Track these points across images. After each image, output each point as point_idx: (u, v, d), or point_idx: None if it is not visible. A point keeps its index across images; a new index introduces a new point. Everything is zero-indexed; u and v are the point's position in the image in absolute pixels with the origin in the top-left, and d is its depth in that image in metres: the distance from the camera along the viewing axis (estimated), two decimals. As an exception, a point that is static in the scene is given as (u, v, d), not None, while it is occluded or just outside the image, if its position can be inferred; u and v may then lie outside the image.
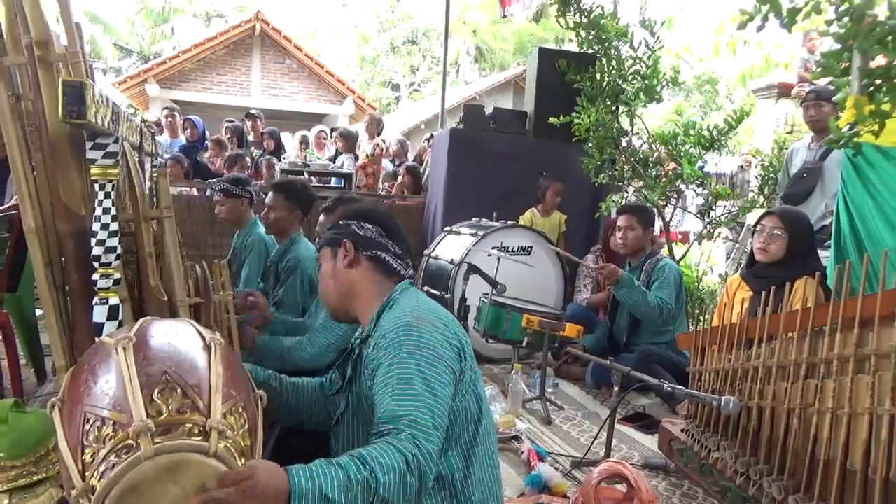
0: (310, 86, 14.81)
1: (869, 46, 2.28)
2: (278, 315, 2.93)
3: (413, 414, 1.30)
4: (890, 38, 2.20)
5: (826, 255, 3.09)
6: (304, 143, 8.14)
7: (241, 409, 1.16)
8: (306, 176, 6.65)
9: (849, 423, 1.90)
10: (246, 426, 1.16)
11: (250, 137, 7.87)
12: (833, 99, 3.35)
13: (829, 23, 2.36)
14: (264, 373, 1.74)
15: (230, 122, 7.74)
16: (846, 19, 2.28)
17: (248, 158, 6.60)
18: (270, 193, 3.35)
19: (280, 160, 7.28)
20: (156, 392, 1.07)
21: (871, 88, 2.44)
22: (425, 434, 1.28)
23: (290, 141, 8.59)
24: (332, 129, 8.58)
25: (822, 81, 4.21)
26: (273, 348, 2.54)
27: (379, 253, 1.66)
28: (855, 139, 2.48)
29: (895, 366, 1.78)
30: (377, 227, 1.69)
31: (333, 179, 7.14)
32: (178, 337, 1.25)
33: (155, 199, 2.09)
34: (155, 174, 2.90)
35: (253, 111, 8.31)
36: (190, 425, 1.05)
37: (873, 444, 1.81)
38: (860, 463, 1.84)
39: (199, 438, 1.05)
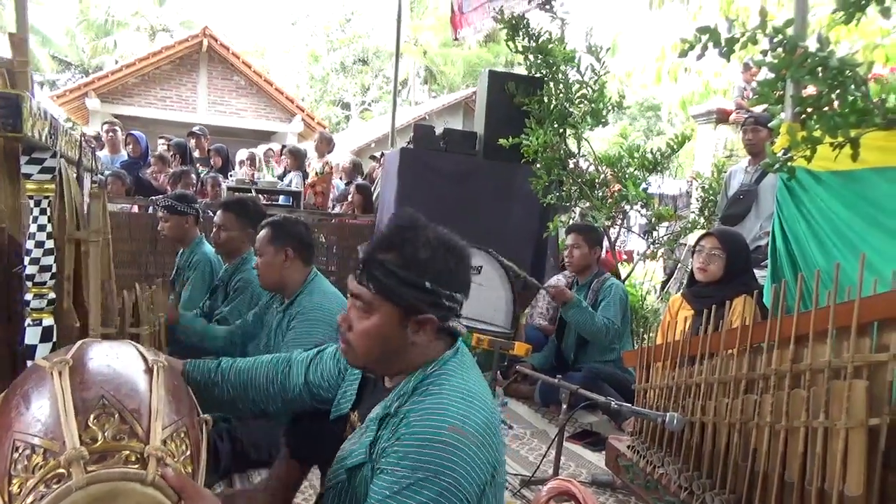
0: (258, 103, 14.67)
1: (801, 76, 2.40)
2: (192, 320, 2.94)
3: None
4: (820, 68, 2.32)
5: (762, 275, 3.20)
6: (252, 160, 8.02)
7: (183, 434, 1.12)
8: (254, 194, 6.54)
9: (786, 436, 1.96)
10: (188, 452, 1.12)
11: (196, 154, 7.71)
12: (769, 125, 3.51)
13: (764, 53, 2.48)
14: (205, 365, 1.59)
15: (167, 138, 7.56)
16: (780, 50, 2.40)
17: (193, 175, 6.45)
18: (220, 212, 3.27)
19: (227, 178, 7.16)
20: (91, 417, 1.03)
21: (804, 116, 2.56)
22: None
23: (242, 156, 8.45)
24: (283, 147, 8.49)
25: (759, 108, 4.40)
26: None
27: (456, 328, 1.37)
28: (789, 164, 2.60)
29: (828, 380, 1.86)
30: (463, 297, 1.38)
31: (282, 197, 7.05)
32: (118, 360, 1.20)
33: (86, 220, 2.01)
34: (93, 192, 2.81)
35: (196, 129, 8.12)
36: (127, 452, 1.01)
37: (808, 456, 1.88)
38: (797, 475, 1.90)
39: (137, 466, 1.00)
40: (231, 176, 7.44)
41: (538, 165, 5.05)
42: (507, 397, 4.06)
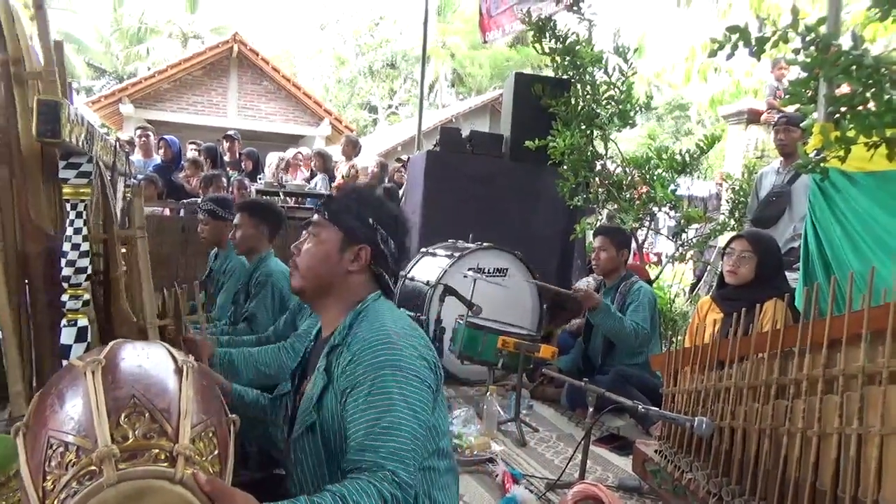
0: (287, 107, 14.82)
1: (834, 75, 2.35)
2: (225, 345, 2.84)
3: (395, 446, 1.26)
4: (854, 67, 2.27)
5: (795, 278, 3.15)
6: (282, 164, 8.12)
7: (211, 434, 1.14)
8: (282, 197, 6.62)
9: (818, 443, 1.92)
10: (216, 451, 1.13)
11: (226, 158, 7.83)
12: (801, 125, 3.45)
13: (796, 52, 2.43)
14: (254, 392, 1.70)
15: (197, 143, 7.68)
16: (812, 49, 2.35)
17: (224, 179, 6.55)
18: (237, 214, 3.35)
19: (256, 181, 7.25)
20: (122, 416, 1.05)
21: (837, 116, 2.51)
22: (406, 469, 1.25)
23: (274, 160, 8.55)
24: (314, 152, 8.56)
25: (791, 108, 4.32)
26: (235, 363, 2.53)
27: (385, 275, 1.57)
28: (822, 164, 2.55)
29: (862, 385, 1.81)
30: (398, 251, 1.60)
31: (308, 200, 7.11)
32: (149, 360, 1.22)
33: (127, 219, 2.06)
34: (128, 194, 2.87)
35: (231, 132, 8.28)
36: (157, 451, 1.03)
37: (842, 463, 1.83)
38: (829, 483, 1.85)
39: (166, 464, 1.02)
40: (260, 179, 7.54)
41: (565, 167, 5.03)
42: (534, 400, 4.04)
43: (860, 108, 2.37)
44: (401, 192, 7.27)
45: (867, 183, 2.53)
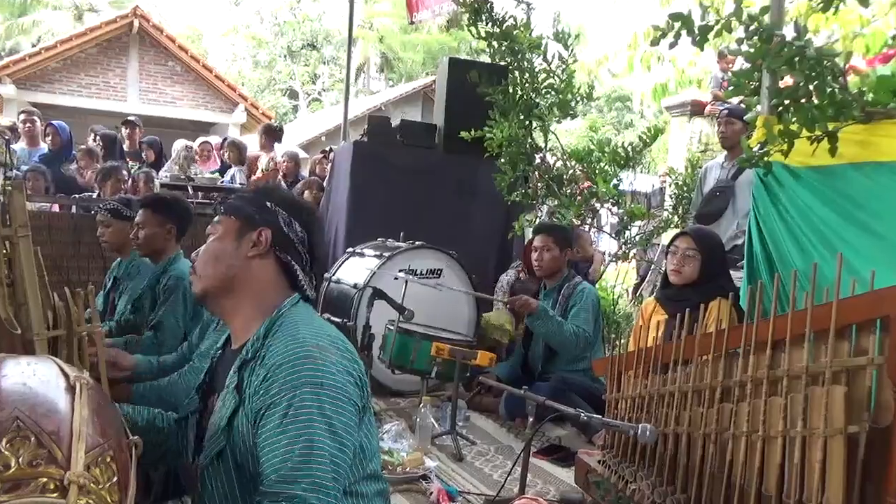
0: (195, 91, 14.42)
1: (777, 66, 2.47)
2: (147, 363, 2.74)
3: (317, 475, 1.22)
4: (797, 58, 2.39)
5: (739, 276, 3.29)
6: (190, 154, 7.87)
7: (108, 459, 1.09)
8: (191, 191, 6.43)
9: (763, 446, 2.01)
10: (115, 478, 1.09)
11: (126, 147, 7.54)
12: (744, 118, 3.61)
13: (739, 42, 2.55)
14: (148, 413, 1.63)
15: (98, 129, 7.38)
16: (755, 39, 2.46)
17: (124, 172, 6.31)
18: (140, 211, 3.22)
19: (160, 174, 7.02)
20: (4, 442, 0.99)
21: (780, 108, 2.64)
22: (328, 500, 1.22)
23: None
24: (223, 140, 8.35)
25: (735, 100, 4.52)
26: (149, 396, 2.41)
27: (293, 262, 1.53)
28: (765, 158, 2.67)
29: (805, 386, 1.91)
30: (304, 234, 1.56)
31: (223, 194, 6.93)
32: (35, 377, 1.16)
33: (8, 217, 1.96)
34: (9, 187, 2.72)
35: (131, 118, 7.96)
36: (45, 479, 0.98)
37: (786, 467, 1.93)
38: (775, 488, 1.95)
39: (55, 495, 0.97)
40: (164, 171, 7.29)
41: (502, 160, 5.09)
42: (470, 411, 4.07)
43: (803, 100, 2.50)
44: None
45: (810, 178, 2.66)
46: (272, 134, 7.76)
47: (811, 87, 2.44)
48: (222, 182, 7.07)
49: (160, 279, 3.14)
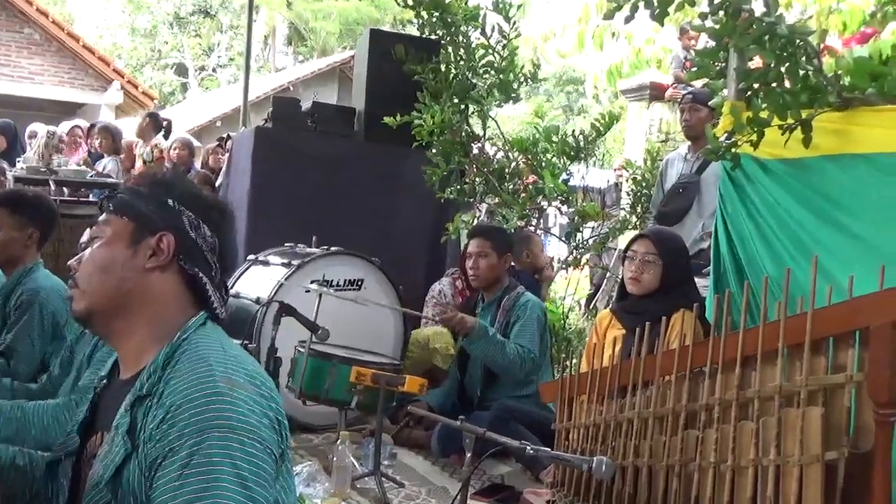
0: (59, 64, 14.02)
1: (745, 45, 2.55)
2: None
3: None
4: (767, 37, 2.48)
5: (705, 285, 3.38)
6: (52, 141, 7.61)
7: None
8: (53, 187, 6.21)
9: (732, 478, 2.08)
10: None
11: (-30, 133, 7.24)
12: (709, 103, 3.72)
13: (703, 17, 2.62)
14: (7, 451, 1.55)
15: None
16: (721, 14, 2.54)
17: (-30, 163, 6.05)
18: None
19: (14, 165, 6.76)
20: None
21: (749, 93, 2.73)
22: None
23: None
24: (92, 125, 8.11)
25: (699, 83, 4.65)
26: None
27: (200, 275, 1.45)
28: (732, 150, 2.76)
29: (779, 409, 1.98)
30: (214, 239, 1.49)
31: (94, 192, 6.72)
32: None
33: None
34: None
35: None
36: None
37: (758, 500, 2.00)
38: (746, 525, 2.01)
39: None
40: (20, 161, 7.02)
41: (434, 151, 5.09)
42: (398, 447, 4.05)
43: (774, 84, 2.60)
44: (217, 181, 7.05)
45: (781, 172, 2.75)
46: (156, 124, 7.56)
47: (783, 70, 2.53)
48: (93, 175, 6.85)
49: (12, 295, 3.02)
